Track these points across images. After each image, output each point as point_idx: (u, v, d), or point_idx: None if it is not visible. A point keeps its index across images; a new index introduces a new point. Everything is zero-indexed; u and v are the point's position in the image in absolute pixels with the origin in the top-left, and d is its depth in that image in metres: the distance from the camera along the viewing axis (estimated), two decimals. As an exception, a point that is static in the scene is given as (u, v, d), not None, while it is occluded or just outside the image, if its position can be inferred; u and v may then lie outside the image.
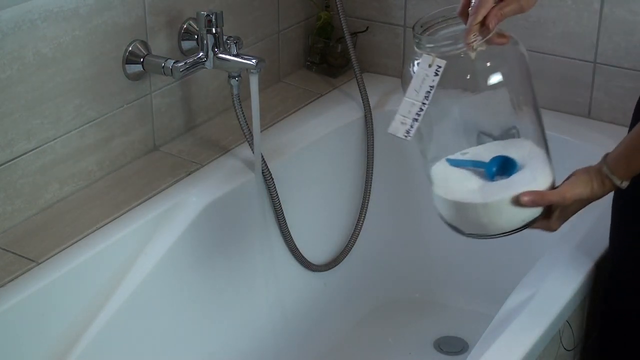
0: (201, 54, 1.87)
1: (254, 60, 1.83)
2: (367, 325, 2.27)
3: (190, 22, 1.96)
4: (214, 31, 1.85)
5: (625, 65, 2.08)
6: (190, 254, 1.83)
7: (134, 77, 1.88)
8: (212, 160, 1.95)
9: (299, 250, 2.05)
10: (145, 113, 1.94)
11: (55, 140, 1.76)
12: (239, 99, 1.91)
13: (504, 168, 1.46)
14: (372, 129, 2.18)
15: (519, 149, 1.47)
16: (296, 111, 2.18)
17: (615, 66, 2.09)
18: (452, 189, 1.47)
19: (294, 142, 2.07)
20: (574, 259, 1.67)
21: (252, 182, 1.94)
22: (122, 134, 1.89)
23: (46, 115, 1.72)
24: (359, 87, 2.18)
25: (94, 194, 1.82)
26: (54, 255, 1.64)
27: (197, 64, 1.87)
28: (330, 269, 2.16)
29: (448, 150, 1.49)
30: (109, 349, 1.66)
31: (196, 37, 1.94)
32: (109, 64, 1.83)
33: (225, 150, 1.99)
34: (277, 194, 1.96)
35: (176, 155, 1.97)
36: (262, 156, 1.92)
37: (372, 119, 2.19)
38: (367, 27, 2.34)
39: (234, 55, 1.86)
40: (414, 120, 1.40)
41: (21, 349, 1.55)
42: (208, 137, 2.03)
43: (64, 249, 1.66)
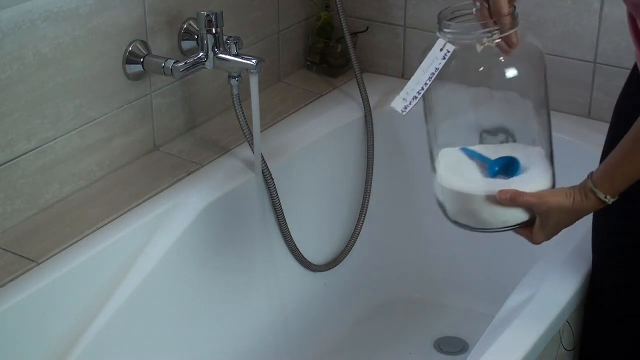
0: (201, 54, 1.87)
1: (254, 60, 1.84)
2: (367, 325, 2.26)
3: (190, 22, 1.96)
4: (214, 31, 1.85)
5: (625, 65, 2.08)
6: (190, 254, 1.83)
7: (134, 77, 1.88)
8: (212, 160, 1.95)
9: (299, 250, 2.05)
10: (145, 113, 1.94)
11: (55, 140, 1.76)
12: (239, 99, 1.91)
13: (507, 168, 1.47)
14: (372, 129, 2.18)
15: (527, 153, 1.48)
16: (296, 111, 2.18)
17: (615, 66, 2.08)
18: (453, 174, 1.49)
19: (294, 142, 2.07)
20: (574, 259, 1.67)
21: (252, 182, 1.94)
22: (122, 134, 1.89)
23: (46, 115, 1.72)
24: (359, 87, 2.18)
25: (94, 194, 1.82)
26: (54, 255, 1.64)
27: (197, 64, 1.87)
28: (330, 269, 2.16)
29: (456, 138, 1.50)
30: (109, 349, 1.66)
31: (196, 37, 1.94)
32: (109, 64, 1.83)
33: (225, 150, 1.99)
34: (277, 194, 1.96)
35: (176, 155, 1.97)
36: (262, 156, 1.91)
37: (372, 119, 2.19)
38: (367, 27, 2.33)
39: (234, 55, 1.86)
40: (414, 98, 1.43)
41: (21, 349, 1.55)
42: (208, 137, 2.03)
43: (64, 249, 1.66)
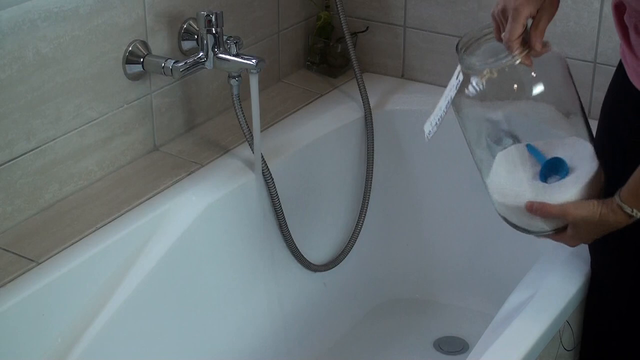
0: (201, 54, 1.87)
1: (254, 60, 1.84)
2: (367, 325, 2.26)
3: (190, 22, 1.96)
4: (214, 31, 1.85)
5: (625, 65, 2.08)
6: (190, 254, 1.83)
7: (134, 77, 1.88)
8: (212, 160, 1.95)
9: (299, 250, 2.05)
10: (145, 113, 1.94)
11: (55, 140, 1.76)
12: (239, 99, 1.91)
13: (555, 169, 1.48)
14: (372, 129, 2.18)
15: (575, 150, 1.49)
16: (296, 111, 2.18)
17: (615, 66, 2.08)
18: (507, 173, 1.51)
19: (294, 142, 2.07)
20: (574, 259, 1.67)
21: (252, 182, 1.94)
22: (122, 134, 1.89)
23: (46, 115, 1.72)
24: (359, 87, 2.18)
25: (94, 194, 1.82)
26: (54, 255, 1.64)
27: (197, 64, 1.87)
28: (330, 269, 2.16)
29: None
30: (109, 349, 1.66)
31: (196, 37, 1.94)
32: (109, 64, 1.83)
33: (225, 150, 1.99)
34: (277, 194, 1.96)
35: (176, 155, 1.96)
36: (262, 156, 1.91)
37: (372, 119, 2.18)
38: (367, 27, 2.33)
39: (234, 55, 1.86)
40: (436, 124, 1.48)
41: (21, 349, 1.55)
42: (208, 137, 2.03)
43: (64, 249, 1.66)
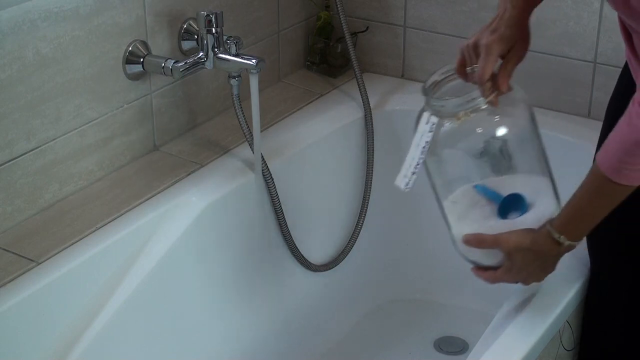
0: (201, 54, 1.87)
1: (253, 60, 1.84)
2: (367, 325, 2.26)
3: (190, 22, 1.96)
4: (214, 31, 1.85)
5: (625, 65, 2.08)
6: (190, 254, 1.83)
7: (134, 77, 1.88)
8: (212, 160, 1.95)
9: (299, 250, 2.05)
10: (145, 113, 1.94)
11: (55, 140, 1.76)
12: (239, 99, 1.91)
13: (514, 206, 1.50)
14: (372, 129, 2.18)
15: (533, 186, 1.51)
16: (296, 111, 2.18)
17: (615, 66, 2.08)
18: (463, 218, 1.54)
19: (294, 142, 2.07)
20: (574, 259, 1.67)
21: (252, 182, 1.94)
22: (122, 134, 1.89)
23: (46, 115, 1.72)
24: (359, 87, 2.18)
25: (94, 194, 1.82)
26: (54, 255, 1.64)
27: (197, 64, 1.87)
28: (330, 269, 2.15)
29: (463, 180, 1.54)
30: (109, 349, 1.66)
31: (196, 37, 1.94)
32: (109, 64, 1.83)
33: (225, 150, 1.99)
34: (277, 194, 1.96)
35: (176, 155, 1.96)
36: (262, 156, 1.91)
37: (372, 119, 2.18)
38: (367, 27, 2.33)
39: (233, 55, 1.86)
40: (413, 173, 1.49)
41: (21, 349, 1.55)
42: (208, 137, 2.03)
43: (64, 249, 1.66)
